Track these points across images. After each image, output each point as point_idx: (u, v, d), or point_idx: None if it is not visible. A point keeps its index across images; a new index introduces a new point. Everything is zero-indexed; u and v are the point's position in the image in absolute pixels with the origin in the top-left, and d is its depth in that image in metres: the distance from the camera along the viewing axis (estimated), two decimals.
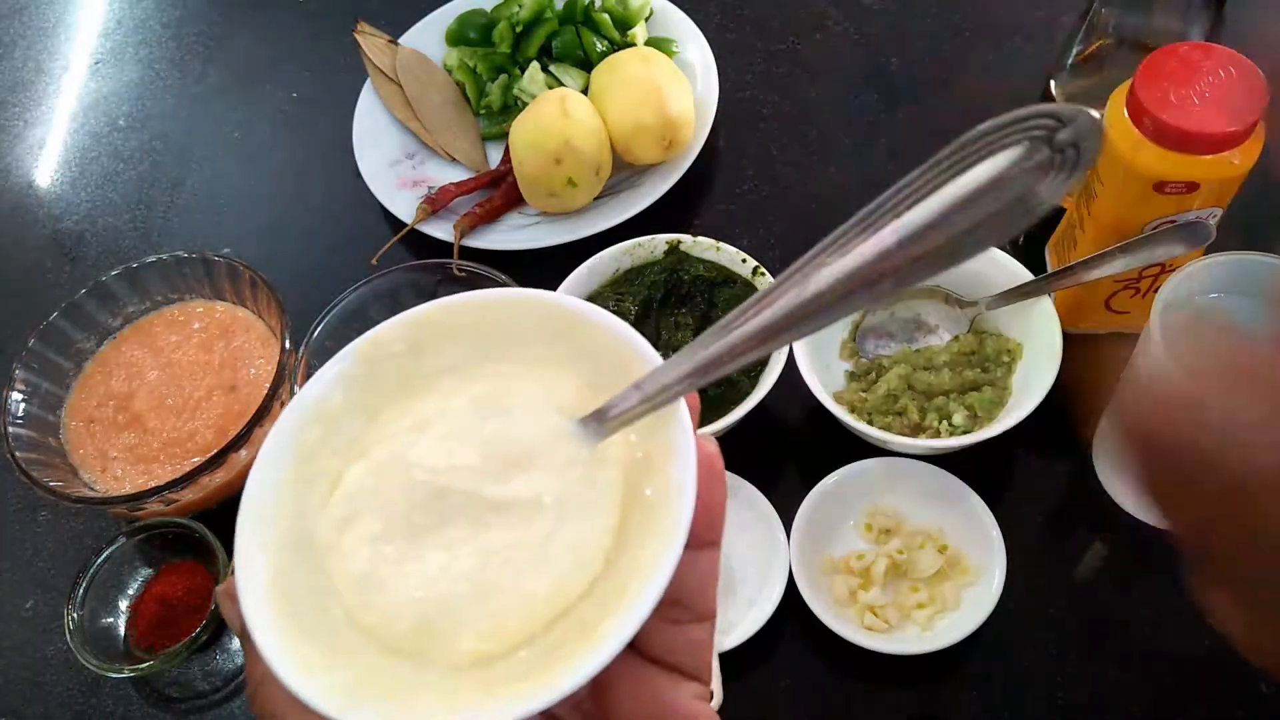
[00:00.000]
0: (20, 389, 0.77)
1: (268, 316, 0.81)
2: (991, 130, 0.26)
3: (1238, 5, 0.69)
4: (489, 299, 0.36)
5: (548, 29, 0.95)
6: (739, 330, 0.30)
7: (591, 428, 0.32)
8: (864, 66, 0.97)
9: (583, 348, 0.35)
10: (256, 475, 0.33)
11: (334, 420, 0.35)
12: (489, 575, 0.31)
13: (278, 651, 0.30)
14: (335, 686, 0.29)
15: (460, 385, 0.35)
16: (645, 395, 0.31)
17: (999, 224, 0.25)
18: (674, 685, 0.32)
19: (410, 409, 0.35)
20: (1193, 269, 0.61)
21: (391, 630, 0.31)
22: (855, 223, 0.27)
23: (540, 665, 0.30)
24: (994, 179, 0.25)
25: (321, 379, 0.35)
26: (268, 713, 0.31)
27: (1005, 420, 0.68)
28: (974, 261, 0.27)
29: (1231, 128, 0.60)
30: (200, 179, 1.00)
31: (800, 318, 0.29)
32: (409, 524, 0.32)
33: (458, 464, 0.32)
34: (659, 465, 0.32)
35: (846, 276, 0.27)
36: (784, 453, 0.76)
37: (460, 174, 0.93)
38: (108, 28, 1.15)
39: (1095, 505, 0.71)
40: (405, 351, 0.36)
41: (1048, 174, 0.25)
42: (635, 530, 0.31)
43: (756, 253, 0.76)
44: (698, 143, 0.89)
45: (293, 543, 0.33)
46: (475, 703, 0.29)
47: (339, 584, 0.32)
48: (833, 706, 0.67)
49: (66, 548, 0.80)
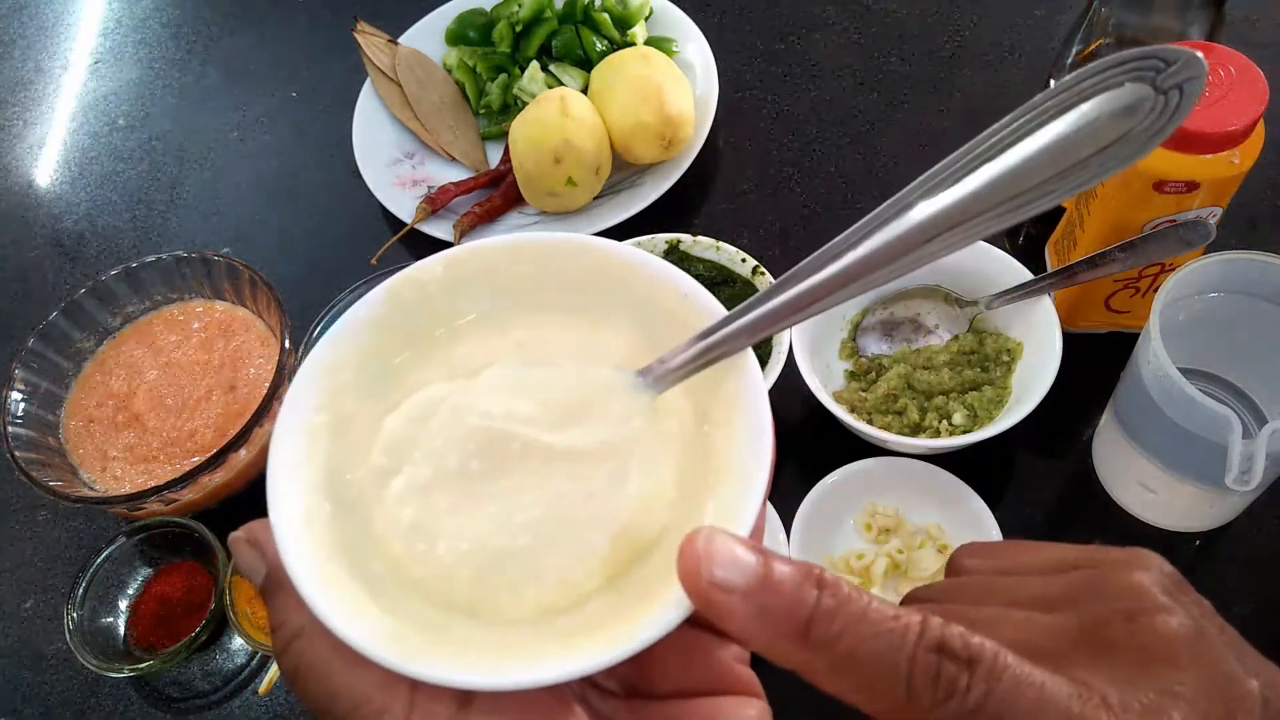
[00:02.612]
0: (20, 388, 0.77)
1: (267, 316, 0.81)
2: (1097, 70, 0.26)
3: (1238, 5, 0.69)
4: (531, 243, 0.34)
5: (547, 28, 0.95)
6: (816, 277, 0.29)
7: (650, 379, 0.31)
8: (864, 66, 0.97)
9: (635, 296, 0.33)
10: (286, 420, 0.31)
11: (364, 363, 0.33)
12: (553, 526, 0.29)
13: (324, 594, 0.27)
14: (393, 635, 0.27)
15: (500, 331, 0.34)
16: (706, 346, 0.31)
17: (1102, 163, 0.26)
18: (719, 646, 0.32)
19: (448, 354, 0.33)
20: (1193, 269, 0.61)
21: (446, 583, 0.29)
22: (948, 163, 0.28)
23: (614, 616, 0.28)
24: (1097, 118, 0.26)
25: (351, 319, 0.33)
26: (304, 666, 0.28)
27: (1005, 420, 0.68)
28: (973, 261, 0.27)
29: (1231, 127, 0.60)
30: (200, 178, 1.00)
31: (886, 260, 0.28)
32: (463, 472, 0.30)
33: (515, 411, 0.31)
34: (727, 417, 0.31)
35: (941, 214, 0.27)
36: (783, 452, 0.76)
37: (460, 173, 0.93)
38: (107, 27, 1.15)
39: (1095, 505, 0.71)
40: (439, 293, 0.34)
41: (1152, 113, 0.25)
42: (704, 481, 0.30)
43: (756, 252, 0.76)
44: (698, 142, 0.89)
45: (328, 491, 0.31)
46: (552, 653, 0.27)
47: (384, 536, 0.30)
48: (833, 706, 0.67)
49: (66, 547, 0.80)
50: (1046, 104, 0.26)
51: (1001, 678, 0.25)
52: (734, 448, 0.30)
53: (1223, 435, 0.57)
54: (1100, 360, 0.73)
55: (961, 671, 0.25)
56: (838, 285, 0.29)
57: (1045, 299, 0.71)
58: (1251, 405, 0.69)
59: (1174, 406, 0.59)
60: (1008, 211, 0.27)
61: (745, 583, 0.25)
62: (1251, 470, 0.56)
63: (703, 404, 0.32)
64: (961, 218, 0.27)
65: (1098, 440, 0.72)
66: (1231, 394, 0.69)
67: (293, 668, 0.28)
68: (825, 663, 0.25)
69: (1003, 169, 0.27)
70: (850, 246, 0.29)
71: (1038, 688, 0.25)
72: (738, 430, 0.30)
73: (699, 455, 0.31)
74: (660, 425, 0.31)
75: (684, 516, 0.30)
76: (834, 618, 0.25)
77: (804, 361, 0.71)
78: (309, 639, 0.28)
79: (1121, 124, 0.25)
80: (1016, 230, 0.84)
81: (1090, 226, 0.70)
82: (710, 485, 0.30)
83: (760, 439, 0.30)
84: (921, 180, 0.28)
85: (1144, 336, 0.61)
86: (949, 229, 0.27)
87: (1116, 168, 0.26)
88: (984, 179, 0.27)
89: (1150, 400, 0.61)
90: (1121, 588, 0.28)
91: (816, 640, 0.25)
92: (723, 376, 0.31)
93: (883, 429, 0.70)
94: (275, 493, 0.30)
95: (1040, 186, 0.26)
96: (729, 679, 0.31)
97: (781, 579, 0.25)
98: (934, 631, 0.25)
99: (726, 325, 0.31)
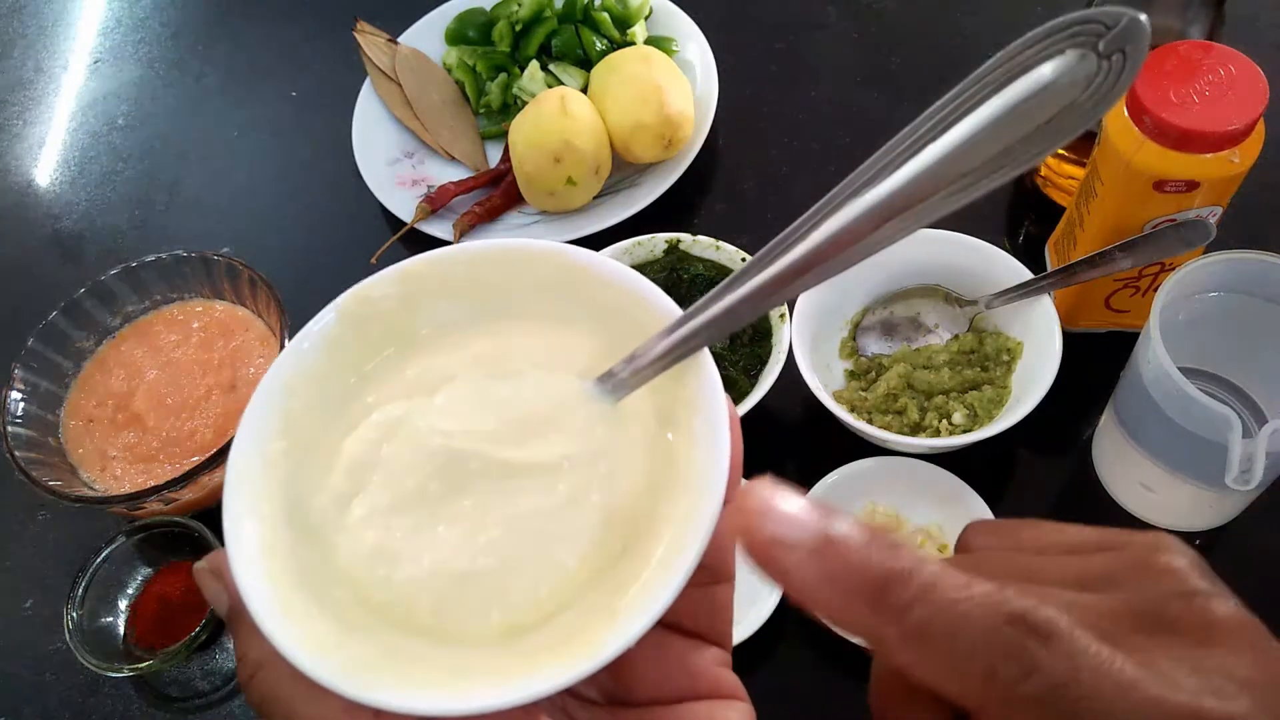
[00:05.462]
0: (19, 388, 0.77)
1: (267, 315, 0.81)
2: (1035, 39, 0.25)
3: (1238, 4, 0.69)
4: (488, 250, 0.33)
5: (547, 28, 0.95)
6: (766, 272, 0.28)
7: (610, 385, 0.31)
8: (864, 66, 0.97)
9: (592, 302, 0.33)
10: (241, 446, 0.31)
11: (320, 384, 0.32)
12: (517, 545, 0.29)
13: (281, 626, 0.27)
14: (353, 664, 0.27)
15: (459, 344, 0.33)
16: (667, 347, 0.30)
17: (1048, 135, 0.25)
18: (697, 651, 0.31)
19: (405, 371, 0.32)
20: (1193, 268, 0.61)
21: (408, 608, 0.29)
22: (889, 148, 0.27)
23: (579, 630, 0.28)
24: (1041, 89, 0.25)
25: (304, 340, 0.33)
26: (269, 698, 0.28)
27: (1005, 419, 0.68)
28: (973, 260, 0.27)
29: (1231, 126, 0.60)
30: (200, 178, 1.00)
31: (836, 249, 0.28)
32: (422, 494, 0.30)
33: (473, 428, 0.30)
34: (685, 418, 0.30)
35: (888, 200, 0.27)
36: (783, 452, 0.76)
37: (460, 173, 0.93)
38: (107, 27, 1.15)
39: (1095, 504, 0.71)
40: (395, 308, 0.33)
41: (1095, 80, 0.25)
42: (667, 486, 0.30)
43: (756, 252, 0.76)
44: (697, 142, 0.89)
45: (287, 518, 0.30)
46: (518, 673, 0.26)
47: (345, 562, 0.29)
48: (833, 706, 0.67)
49: (66, 547, 0.80)
50: (987, 77, 0.26)
51: (1081, 655, 0.23)
52: (694, 452, 0.30)
53: (1223, 435, 0.57)
54: (1100, 360, 0.73)
55: (1039, 647, 0.23)
56: (789, 278, 0.29)
57: (1045, 298, 0.71)
58: (1251, 405, 0.69)
59: (1174, 406, 0.59)
60: (958, 190, 0.26)
61: (810, 539, 0.24)
62: (1251, 470, 0.56)
63: (664, 407, 0.31)
64: (910, 201, 0.27)
65: (1098, 440, 0.72)
66: (1231, 393, 0.69)
67: (259, 699, 0.28)
68: (897, 632, 0.24)
69: (947, 148, 0.26)
70: (800, 238, 0.28)
71: (1118, 669, 0.23)
72: (697, 433, 0.30)
73: (662, 460, 0.31)
74: (623, 432, 0.31)
75: (648, 524, 0.30)
76: (907, 583, 0.23)
77: (804, 361, 0.71)
78: (271, 670, 0.28)
79: (1065, 94, 0.25)
80: (1016, 229, 0.84)
81: (1090, 226, 0.70)
82: (672, 490, 0.30)
83: (718, 441, 0.29)
84: (864, 167, 0.27)
85: (1144, 336, 0.61)
86: (899, 213, 0.27)
87: (1064, 139, 0.25)
88: (929, 159, 0.26)
89: (1150, 400, 0.61)
90: (1163, 569, 0.27)
91: (889, 606, 0.23)
92: (682, 377, 0.31)
93: (883, 429, 0.70)
94: (231, 526, 0.29)
95: (989, 163, 0.26)
96: (710, 683, 0.31)
97: (848, 538, 0.24)
98: (1013, 603, 0.23)
99: (682, 325, 0.30)
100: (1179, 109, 0.61)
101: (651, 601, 0.27)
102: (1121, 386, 0.67)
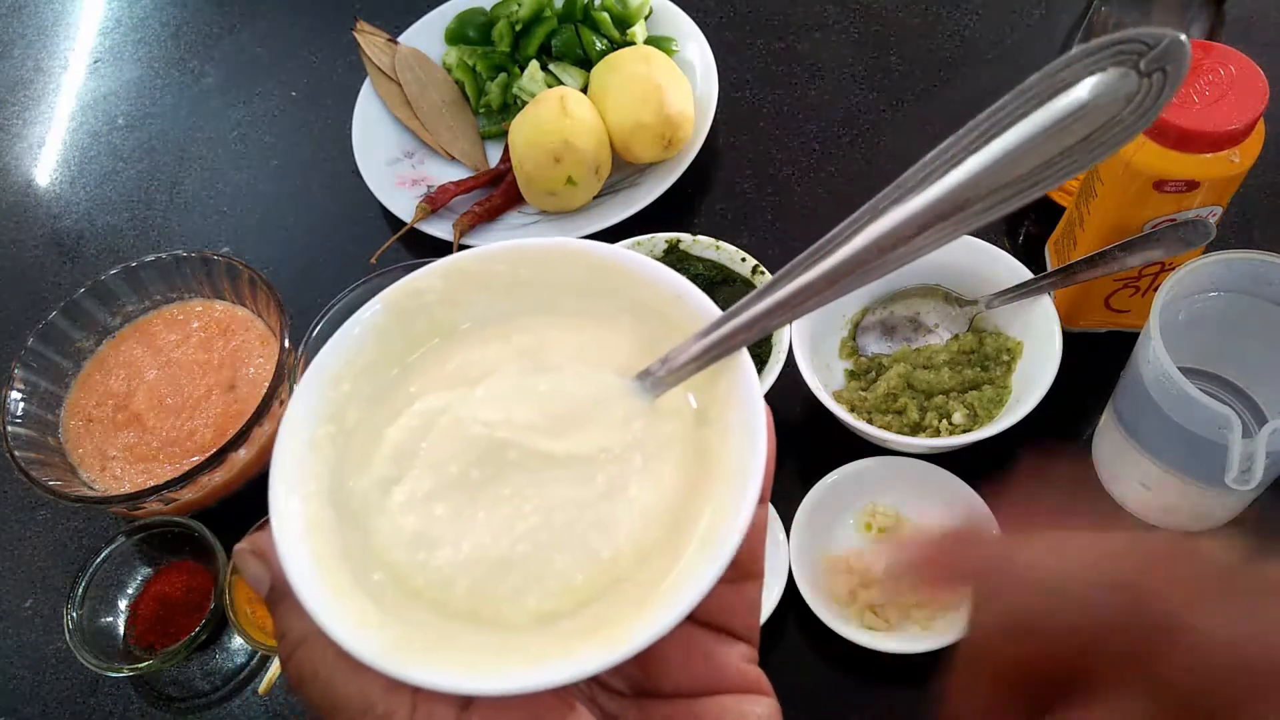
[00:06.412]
0: (19, 388, 0.77)
1: (267, 315, 0.80)
2: (1077, 58, 0.26)
3: (1238, 4, 0.69)
4: (533, 248, 0.34)
5: (547, 28, 0.95)
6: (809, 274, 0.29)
7: (648, 382, 0.32)
8: (864, 66, 0.97)
9: (631, 300, 0.34)
10: (288, 430, 0.31)
11: (366, 373, 0.33)
12: (553, 533, 0.29)
13: (325, 604, 0.28)
14: (393, 643, 0.27)
15: (500, 338, 0.34)
16: (705, 346, 0.31)
17: (1088, 149, 0.26)
18: (724, 647, 0.31)
19: (447, 363, 0.33)
20: (1193, 268, 0.61)
21: (446, 592, 0.29)
22: (935, 156, 0.27)
23: (613, 618, 0.28)
24: (1082, 105, 0.26)
25: (351, 330, 0.33)
26: (309, 675, 0.28)
27: (1005, 419, 0.68)
28: (973, 260, 0.27)
29: (1231, 126, 0.60)
30: (199, 178, 1.00)
31: (878, 254, 0.28)
32: (463, 481, 0.30)
33: (513, 419, 0.31)
34: (721, 416, 0.31)
35: (930, 207, 0.27)
36: (783, 452, 0.75)
37: (459, 173, 0.93)
38: (107, 26, 1.15)
39: (1095, 504, 0.71)
40: (438, 301, 0.34)
41: (1136, 98, 0.25)
42: (702, 482, 0.31)
43: (756, 252, 0.76)
44: (697, 142, 0.89)
45: (330, 501, 0.31)
46: (553, 656, 0.27)
47: (385, 545, 0.30)
48: (833, 706, 0.67)
49: (66, 547, 0.80)
50: (1031, 91, 0.26)
51: None
52: (730, 448, 0.30)
53: (1223, 435, 0.57)
54: (1100, 360, 0.73)
55: None
56: (832, 281, 0.29)
57: (1045, 298, 0.71)
58: (1251, 404, 0.69)
59: (1174, 406, 0.59)
60: (998, 203, 0.27)
61: None
62: (1251, 470, 0.56)
63: (700, 404, 0.32)
64: (951, 209, 0.27)
65: (1098, 440, 0.72)
66: (1231, 393, 0.69)
67: (298, 675, 0.29)
68: None
69: (990, 159, 0.27)
70: (843, 241, 0.28)
71: None
72: (733, 430, 0.30)
73: (697, 456, 0.31)
74: (659, 428, 0.31)
75: (683, 517, 0.30)
76: None
77: (804, 361, 0.71)
78: (312, 647, 0.28)
79: (1106, 111, 0.25)
80: (1016, 229, 0.84)
81: (1090, 225, 0.70)
82: (708, 486, 0.30)
83: (755, 437, 0.30)
84: (907, 176, 0.28)
85: (1144, 336, 0.61)
86: (939, 221, 0.27)
87: (1103, 155, 0.26)
88: (972, 169, 0.27)
89: (1150, 400, 0.61)
90: None
91: None
92: (719, 376, 0.31)
93: (883, 428, 0.70)
94: (277, 504, 0.30)
95: (1028, 176, 0.26)
96: (736, 678, 0.31)
97: None
98: None
99: (723, 325, 0.31)
100: (1179, 109, 0.61)
101: (685, 594, 0.27)
102: (1121, 386, 0.67)
